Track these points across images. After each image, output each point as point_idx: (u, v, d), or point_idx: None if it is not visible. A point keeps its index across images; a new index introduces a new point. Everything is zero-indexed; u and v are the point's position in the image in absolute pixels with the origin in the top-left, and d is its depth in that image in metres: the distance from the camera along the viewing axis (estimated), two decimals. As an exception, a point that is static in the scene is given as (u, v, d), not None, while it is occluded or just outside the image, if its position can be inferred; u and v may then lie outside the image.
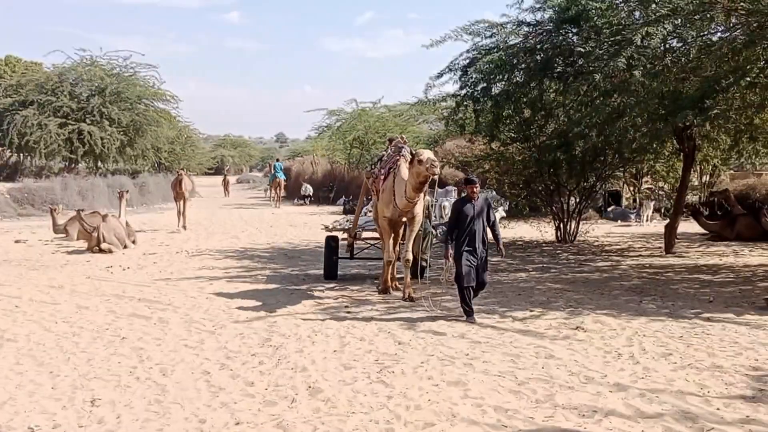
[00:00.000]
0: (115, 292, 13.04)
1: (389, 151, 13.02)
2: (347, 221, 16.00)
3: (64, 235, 20.76)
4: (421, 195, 12.06)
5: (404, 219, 12.47)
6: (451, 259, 10.60)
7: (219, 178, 58.15)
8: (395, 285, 13.21)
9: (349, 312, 11.35)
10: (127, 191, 24.63)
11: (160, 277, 14.81)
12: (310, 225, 27.68)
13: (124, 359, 8.69)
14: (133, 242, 20.25)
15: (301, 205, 41.49)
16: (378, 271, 14.02)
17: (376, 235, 14.40)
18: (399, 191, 12.01)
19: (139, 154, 47.15)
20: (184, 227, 24.70)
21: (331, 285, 13.82)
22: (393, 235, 12.80)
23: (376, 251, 15.66)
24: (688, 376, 7.80)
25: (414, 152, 11.94)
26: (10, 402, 7.20)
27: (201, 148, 62.82)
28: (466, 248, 10.52)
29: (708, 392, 7.25)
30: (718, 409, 6.75)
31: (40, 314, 11.21)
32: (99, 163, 47.29)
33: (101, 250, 18.39)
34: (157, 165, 51.16)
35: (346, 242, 15.24)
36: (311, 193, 42.57)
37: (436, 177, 11.38)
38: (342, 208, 35.72)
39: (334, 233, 15.33)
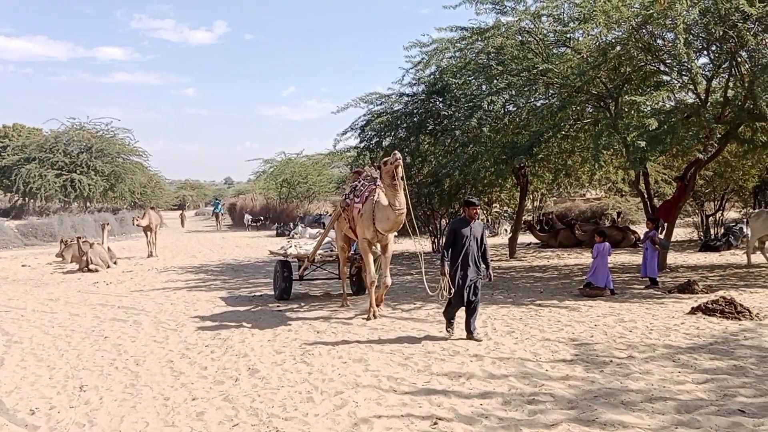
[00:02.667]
0: (100, 302, 12.51)
1: (362, 181, 10.78)
2: (292, 246, 13.25)
3: (61, 259, 19.84)
4: (404, 213, 9.59)
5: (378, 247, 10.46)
6: (447, 276, 8.37)
7: (181, 211, 57.00)
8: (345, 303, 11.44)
9: (279, 310, 11.17)
10: (109, 224, 23.71)
11: (135, 289, 14.26)
12: (252, 246, 27.26)
13: (106, 353, 8.33)
14: (115, 263, 19.51)
15: (247, 229, 40.88)
16: (315, 290, 13.55)
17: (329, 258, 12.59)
18: (381, 216, 9.86)
19: (118, 196, 46.80)
20: (150, 255, 22.44)
21: (268, 290, 13.56)
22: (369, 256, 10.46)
23: (323, 272, 13.90)
24: (526, 347, 7.94)
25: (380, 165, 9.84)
26: (16, 390, 6.85)
27: (166, 190, 61.27)
28: (467, 266, 8.39)
29: (539, 358, 7.39)
30: (546, 370, 6.88)
31: (40, 321, 10.65)
32: (87, 204, 46.49)
33: (90, 270, 17.70)
34: (133, 203, 50.00)
35: (300, 265, 12.75)
36: (250, 221, 42.12)
37: (400, 161, 9.26)
38: (275, 232, 35.51)
39: (282, 256, 13.16)
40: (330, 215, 37.42)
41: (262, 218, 42.90)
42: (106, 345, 8.83)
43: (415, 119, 17.70)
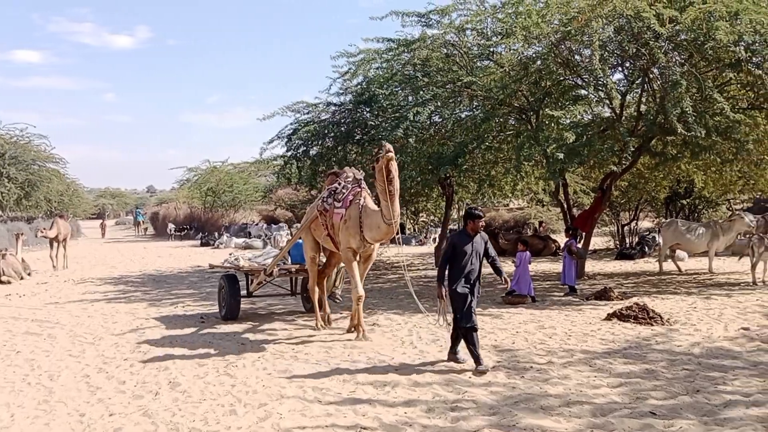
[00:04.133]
0: (12, 315, 11.91)
1: (342, 183, 9.47)
2: (236, 259, 11.77)
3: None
4: (398, 224, 8.53)
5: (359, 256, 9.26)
6: (445, 299, 7.45)
7: (102, 221, 55.19)
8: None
9: (203, 321, 10.94)
10: (23, 234, 22.64)
11: (50, 302, 13.66)
12: (175, 256, 26.61)
13: (18, 369, 7.94)
14: (29, 274, 18.61)
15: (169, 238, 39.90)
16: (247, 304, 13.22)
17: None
18: (371, 223, 8.70)
19: (33, 205, 44.60)
20: (55, 267, 20.66)
21: (191, 301, 13.27)
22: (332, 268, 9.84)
23: (273, 288, 12.60)
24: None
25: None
26: None
27: (85, 198, 59.12)
28: (464, 286, 7.35)
29: (463, 366, 7.49)
30: (470, 377, 6.99)
31: (-57, 337, 10.08)
32: (0, 213, 44.11)
33: (2, 282, 16.82)
34: (50, 212, 47.98)
35: (253, 280, 11.20)
36: (174, 231, 41.15)
37: (391, 155, 8.11)
38: (199, 242, 34.84)
39: (227, 269, 11.68)
40: (256, 224, 37.06)
41: (186, 227, 42.02)
42: (18, 360, 8.42)
43: (342, 129, 17.71)
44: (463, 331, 7.36)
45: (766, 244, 13.30)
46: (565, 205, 16.68)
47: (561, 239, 20.17)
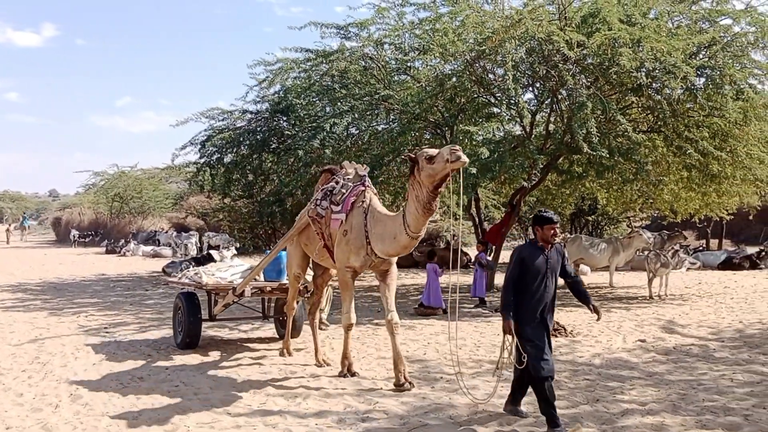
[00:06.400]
0: None
1: (341, 181, 7.74)
2: (197, 274, 9.68)
3: None
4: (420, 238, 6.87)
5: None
6: (513, 335, 5.62)
7: (2, 227, 52.11)
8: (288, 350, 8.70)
9: (107, 332, 10.54)
10: None
11: (-62, 310, 12.84)
12: (78, 263, 25.55)
13: None
14: None
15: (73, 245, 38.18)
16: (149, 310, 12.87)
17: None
18: (383, 233, 7.00)
19: None
20: None
21: (95, 311, 12.76)
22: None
23: (242, 310, 11.04)
24: (362, 365, 8.08)
25: (411, 156, 6.71)
26: None
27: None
28: (536, 318, 5.60)
29: (375, 376, 7.57)
30: (381, 388, 7.05)
31: None
32: None
33: None
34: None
35: (217, 300, 9.30)
36: (77, 237, 39.41)
37: (464, 158, 6.19)
38: (105, 249, 33.59)
39: (186, 286, 9.66)
40: (166, 232, 35.96)
41: (90, 234, 40.35)
42: None
43: (258, 137, 17.59)
44: (536, 380, 5.59)
45: (662, 260, 14.08)
46: (477, 219, 17.10)
47: (472, 252, 20.65)
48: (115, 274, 20.94)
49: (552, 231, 5.64)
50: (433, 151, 6.43)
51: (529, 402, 6.06)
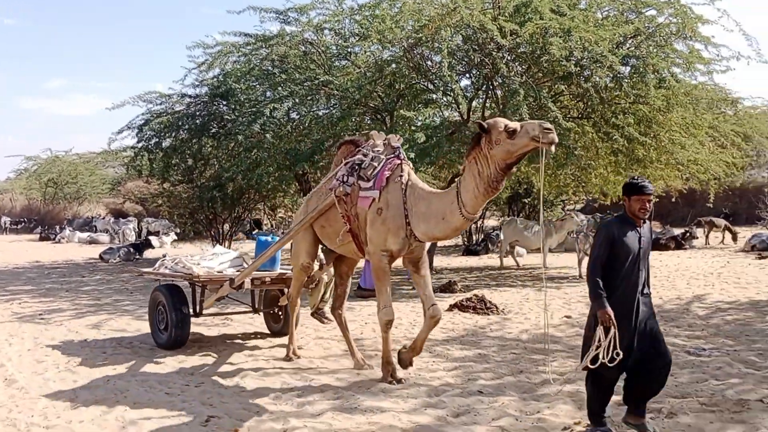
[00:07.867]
0: None
1: (370, 153, 6.59)
2: (175, 263, 8.48)
3: None
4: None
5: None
6: (613, 323, 4.47)
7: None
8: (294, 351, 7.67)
9: (42, 318, 10.44)
10: None
11: None
12: (10, 251, 24.95)
13: None
14: None
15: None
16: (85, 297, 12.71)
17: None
18: (429, 212, 6.05)
19: None
20: None
21: (29, 298, 12.57)
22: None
23: (230, 302, 9.88)
24: (301, 345, 8.18)
25: (484, 125, 5.66)
26: None
27: None
28: (627, 306, 4.60)
29: (312, 355, 7.80)
30: (317, 366, 7.29)
31: None
32: None
33: None
34: None
35: (214, 293, 8.06)
36: (9, 224, 38.22)
37: (554, 141, 5.23)
38: (38, 236, 32.76)
39: (169, 278, 8.46)
40: (103, 218, 35.14)
41: (23, 221, 39.19)
42: None
43: (197, 121, 17.46)
44: (594, 378, 4.80)
45: (591, 241, 14.68)
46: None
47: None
48: (50, 261, 20.53)
49: (639, 204, 4.63)
50: (514, 124, 5.48)
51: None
